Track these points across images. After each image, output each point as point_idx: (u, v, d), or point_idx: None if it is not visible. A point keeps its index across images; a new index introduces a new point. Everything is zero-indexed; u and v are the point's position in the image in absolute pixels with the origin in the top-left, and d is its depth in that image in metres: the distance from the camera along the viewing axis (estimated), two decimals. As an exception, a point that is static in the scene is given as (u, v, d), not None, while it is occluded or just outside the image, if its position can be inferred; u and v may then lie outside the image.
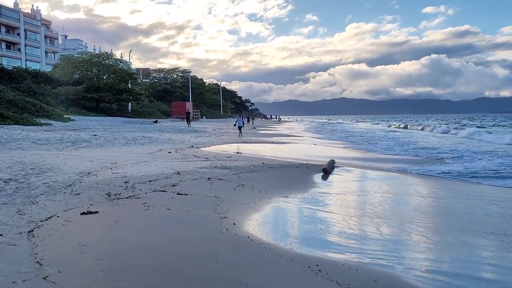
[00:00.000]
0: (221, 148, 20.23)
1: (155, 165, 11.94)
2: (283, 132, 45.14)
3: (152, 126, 38.02)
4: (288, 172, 11.99)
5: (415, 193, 9.78)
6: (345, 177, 11.77)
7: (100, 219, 6.03)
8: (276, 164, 13.35)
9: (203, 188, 8.88)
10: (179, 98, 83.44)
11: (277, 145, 23.10)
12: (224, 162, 13.38)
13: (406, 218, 7.03)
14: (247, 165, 12.77)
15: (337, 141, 30.03)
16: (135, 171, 10.51)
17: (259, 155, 17.17)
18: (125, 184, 8.64)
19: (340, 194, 9.06)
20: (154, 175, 10.02)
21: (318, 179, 11.16)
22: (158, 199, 7.54)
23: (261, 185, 9.57)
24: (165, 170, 10.89)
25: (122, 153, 15.02)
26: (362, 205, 8.01)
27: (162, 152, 16.00)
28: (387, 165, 15.07)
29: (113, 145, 17.75)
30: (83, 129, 28.46)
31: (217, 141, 23.84)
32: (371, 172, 12.95)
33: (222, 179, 10.05)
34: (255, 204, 7.63)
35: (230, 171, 11.42)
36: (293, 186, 9.82)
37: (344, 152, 20.54)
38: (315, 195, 8.82)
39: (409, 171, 13.36)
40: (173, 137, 25.24)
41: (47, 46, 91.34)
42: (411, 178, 12.14)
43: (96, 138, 19.49)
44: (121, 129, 31.31)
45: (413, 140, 31.61)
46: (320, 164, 13.79)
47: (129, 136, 22.47)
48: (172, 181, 9.35)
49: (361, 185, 10.54)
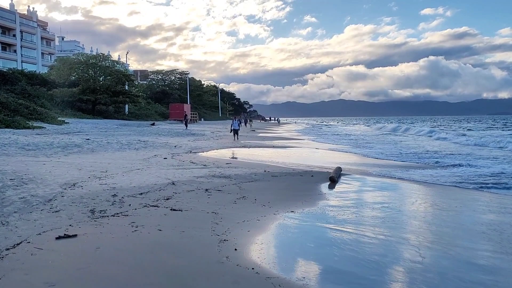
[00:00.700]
0: (219, 153, 19.33)
1: (148, 173, 11.03)
2: (283, 135, 44.27)
3: (149, 129, 37.11)
4: (292, 181, 11.10)
5: (446, 207, 8.89)
6: (354, 186, 10.88)
7: (78, 245, 5.13)
8: (279, 172, 12.46)
9: (200, 201, 7.98)
10: (177, 100, 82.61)
11: (278, 150, 22.20)
12: (223, 169, 12.48)
13: (450, 241, 6.14)
14: (247, 173, 11.87)
15: (338, 145, 29.14)
16: (126, 181, 9.60)
17: (260, 161, 16.27)
18: (113, 198, 7.73)
19: (353, 207, 8.17)
20: (147, 186, 9.11)
21: (325, 189, 10.27)
22: (149, 216, 6.63)
23: (264, 197, 8.69)
24: (159, 180, 9.99)
25: (115, 160, 14.11)
26: (384, 222, 7.09)
27: (157, 158, 15.09)
28: (394, 171, 14.18)
29: (106, 151, 16.84)
30: (77, 132, 27.55)
31: (216, 145, 22.95)
32: (381, 181, 12.05)
33: (221, 190, 9.16)
34: (259, 222, 6.74)
35: (230, 180, 10.52)
36: (299, 198, 8.93)
37: (348, 158, 19.64)
38: (324, 209, 7.93)
39: (423, 181, 12.47)
40: (170, 141, 24.33)
41: (44, 48, 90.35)
42: (428, 188, 11.25)
43: (88, 143, 18.57)
44: (117, 132, 30.41)
45: (414, 144, 30.76)
46: (325, 171, 12.91)
47: (123, 140, 21.56)
48: (166, 194, 8.44)
49: (374, 196, 9.63)
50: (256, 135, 40.35)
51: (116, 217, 6.50)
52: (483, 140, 30.35)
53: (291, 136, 41.25)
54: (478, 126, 76.50)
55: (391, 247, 5.75)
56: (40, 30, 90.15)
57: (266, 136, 39.08)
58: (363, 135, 46.54)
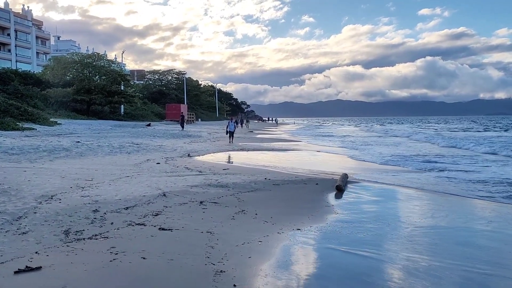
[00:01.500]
0: (216, 157, 18.37)
1: (138, 182, 10.05)
2: (281, 136, 43.32)
3: (144, 130, 36.10)
4: (296, 190, 10.13)
5: (485, 223, 7.95)
6: (363, 196, 9.92)
7: (40, 283, 4.15)
8: (281, 179, 11.48)
9: (194, 217, 7.02)
10: (174, 100, 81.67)
11: (277, 153, 21.22)
12: (220, 177, 11.50)
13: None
14: (247, 181, 10.90)
15: (337, 147, 28.22)
16: (112, 192, 8.62)
17: (259, 165, 15.32)
18: (94, 214, 6.76)
19: (367, 222, 7.21)
20: (134, 198, 8.13)
21: (332, 199, 9.33)
22: (133, 239, 5.67)
23: (265, 211, 7.73)
24: (148, 190, 9.01)
25: (104, 165, 13.13)
26: (408, 243, 6.14)
27: (149, 164, 14.11)
28: (401, 177, 13.24)
29: (95, 155, 15.85)
30: (69, 134, 26.54)
31: (212, 148, 21.98)
32: (391, 189, 11.11)
33: (217, 203, 8.19)
34: (261, 245, 5.78)
35: (227, 190, 9.55)
36: (305, 211, 7.98)
37: (350, 162, 18.71)
38: (335, 226, 6.97)
39: (442, 191, 11.54)
40: (164, 143, 23.35)
41: (39, 47, 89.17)
42: (448, 198, 10.31)
43: (77, 146, 17.57)
44: (110, 133, 29.40)
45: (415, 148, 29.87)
46: (330, 178, 11.98)
47: (116, 142, 20.56)
48: (155, 208, 7.47)
49: (388, 208, 8.67)
50: (254, 136, 39.41)
51: (93, 240, 5.53)
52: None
53: (290, 138, 40.27)
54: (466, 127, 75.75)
55: (425, 279, 4.79)
56: (35, 29, 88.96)
57: (264, 137, 38.13)
58: (360, 136, 45.72)
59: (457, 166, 16.31)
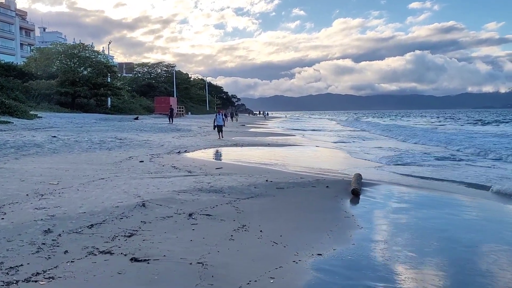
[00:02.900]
0: (207, 153, 16.62)
1: (113, 186, 8.29)
2: (275, 130, 41.58)
3: (131, 124, 34.18)
4: (305, 195, 8.44)
5: None
6: (385, 202, 8.26)
7: None
8: (284, 181, 9.76)
9: (180, 238, 5.31)
10: (163, 93, 79.58)
11: (274, 149, 19.46)
12: (212, 178, 9.77)
13: None
14: (244, 184, 9.18)
15: (335, 143, 26.63)
16: (77, 201, 6.86)
17: (257, 163, 13.61)
18: (44, 238, 5.01)
19: (404, 243, 5.54)
20: (104, 210, 6.38)
21: (350, 207, 7.68)
22: (90, 280, 3.94)
23: (272, 226, 6.06)
24: (124, 198, 7.25)
25: (77, 164, 11.34)
26: (469, 277, 4.51)
27: (131, 162, 12.34)
28: (416, 175, 11.63)
29: (70, 151, 14.03)
30: (48, 128, 24.58)
31: (203, 143, 20.19)
32: (415, 193, 9.48)
33: (211, 215, 6.48)
34: (274, 285, 4.10)
35: (222, 196, 7.82)
36: (320, 224, 6.32)
37: (356, 160, 17.08)
38: (365, 249, 5.30)
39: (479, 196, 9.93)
40: (151, 138, 21.54)
41: (23, 38, 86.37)
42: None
43: (52, 142, 15.70)
44: (94, 127, 27.49)
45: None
46: (340, 179, 10.33)
47: (96, 138, 18.68)
48: (129, 225, 5.74)
49: (424, 219, 6.99)
50: (247, 130, 37.67)
51: (31, 284, 3.79)
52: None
53: (283, 132, 38.55)
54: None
55: None
56: (19, 20, 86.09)
57: (258, 131, 36.39)
58: (351, 130, 44.26)
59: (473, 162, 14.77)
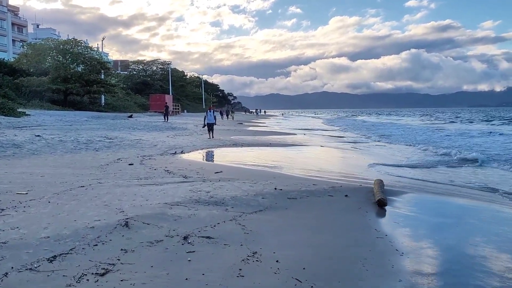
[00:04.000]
0: (205, 154, 15.22)
1: (93, 197, 6.89)
2: (274, 129, 40.17)
3: (124, 122, 32.71)
4: (322, 207, 7.06)
5: None
6: (421, 217, 6.89)
7: None
8: (295, 189, 8.36)
9: (172, 276, 3.92)
10: (158, 91, 78.14)
11: (277, 150, 18.01)
12: (212, 185, 8.37)
13: None
14: (250, 192, 7.77)
15: (337, 142, 25.29)
16: (42, 219, 5.45)
17: (261, 165, 12.22)
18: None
19: (475, 279, 4.19)
20: (74, 233, 4.96)
21: (380, 223, 6.32)
22: None
23: (290, 253, 4.68)
24: (103, 214, 5.84)
25: (57, 168, 9.92)
26: None
27: (119, 165, 10.94)
28: (444, 180, 10.30)
29: (53, 152, 12.61)
30: (35, 126, 23.11)
31: (200, 143, 18.75)
32: (455, 203, 8.14)
33: (211, 238, 5.08)
34: None
35: (225, 210, 6.43)
36: (351, 252, 4.94)
37: (367, 161, 15.74)
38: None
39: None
40: (144, 137, 20.11)
41: (15, 35, 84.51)
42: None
43: (33, 141, 14.26)
44: (84, 126, 26.02)
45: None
46: (358, 186, 8.96)
47: (84, 137, 17.22)
48: (105, 255, 4.34)
49: (478, 236, 5.66)
50: (245, 129, 36.25)
51: None
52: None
53: (283, 130, 37.16)
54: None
55: None
56: (11, 16, 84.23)
57: (257, 130, 34.98)
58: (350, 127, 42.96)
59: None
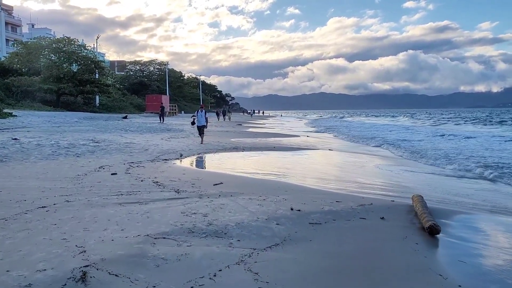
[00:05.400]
0: (202, 160, 13.47)
1: (50, 225, 5.12)
2: (275, 130, 38.39)
3: (117, 124, 30.94)
4: (356, 237, 5.31)
5: None
6: (489, 246, 5.20)
7: None
8: (317, 208, 6.59)
9: None
10: (155, 91, 76.44)
11: (283, 154, 16.15)
12: (210, 204, 6.61)
13: None
14: (260, 215, 6.01)
15: (344, 145, 23.58)
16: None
17: (268, 174, 10.44)
18: None
19: None
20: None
21: (439, 262, 4.60)
22: None
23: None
24: (54, 258, 4.06)
25: (23, 179, 8.17)
26: None
27: (100, 174, 9.18)
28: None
29: (25, 159, 10.84)
30: (19, 128, 21.36)
31: (196, 147, 16.92)
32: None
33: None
34: None
35: (229, 246, 4.67)
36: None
37: (387, 170, 14.02)
38: None
39: None
40: (136, 139, 18.35)
41: (8, 34, 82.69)
42: None
43: (5, 146, 12.48)
44: (73, 127, 24.25)
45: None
46: (389, 202, 7.24)
47: (68, 140, 15.43)
48: None
49: None
50: (245, 130, 34.49)
51: None
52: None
53: (284, 132, 35.39)
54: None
55: None
56: (5, 15, 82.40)
57: (257, 132, 33.20)
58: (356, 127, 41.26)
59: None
